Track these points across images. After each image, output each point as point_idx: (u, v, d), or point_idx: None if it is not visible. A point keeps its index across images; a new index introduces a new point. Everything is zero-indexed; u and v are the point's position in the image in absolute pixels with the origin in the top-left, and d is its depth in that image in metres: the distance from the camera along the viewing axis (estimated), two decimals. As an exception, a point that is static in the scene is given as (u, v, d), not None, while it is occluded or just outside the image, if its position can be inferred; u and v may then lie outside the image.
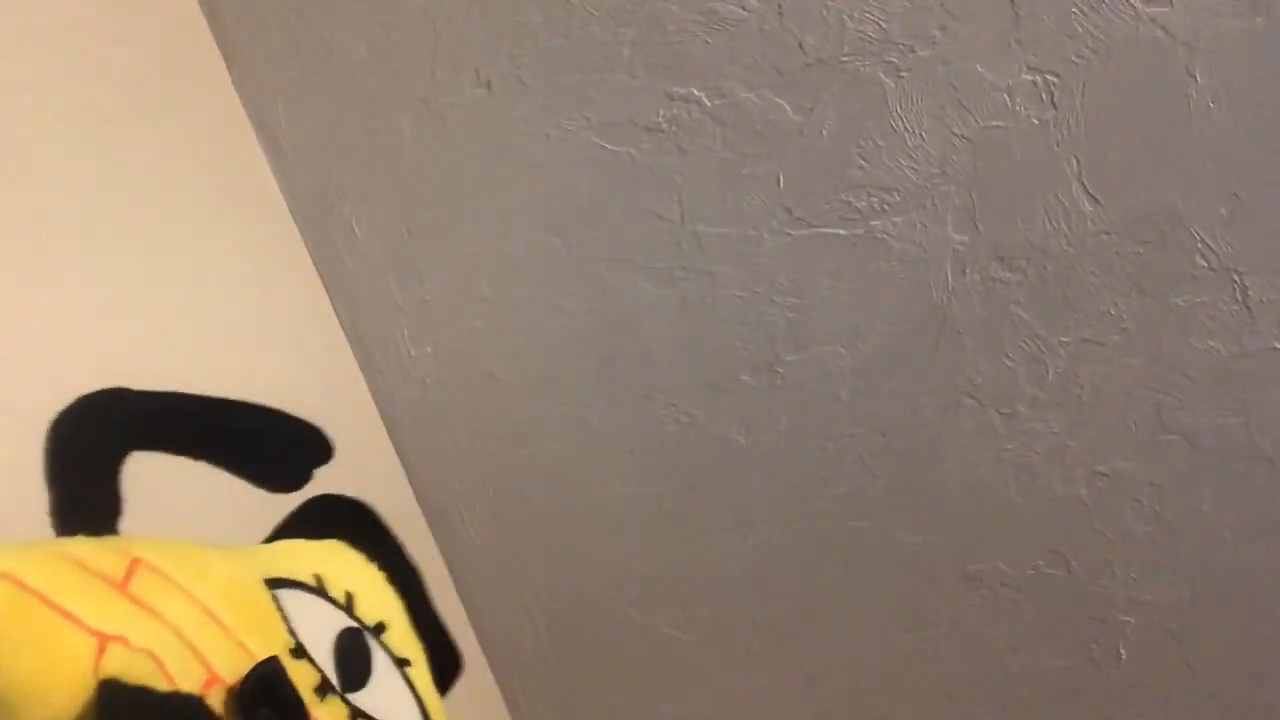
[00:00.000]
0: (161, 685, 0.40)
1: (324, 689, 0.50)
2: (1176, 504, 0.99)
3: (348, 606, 0.57)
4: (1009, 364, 0.96)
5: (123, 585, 0.43)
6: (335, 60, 0.96)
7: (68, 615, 0.39)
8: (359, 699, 0.52)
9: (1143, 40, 0.81)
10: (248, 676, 0.44)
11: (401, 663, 0.58)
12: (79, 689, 0.38)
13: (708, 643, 1.19)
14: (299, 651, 0.50)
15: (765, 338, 0.99)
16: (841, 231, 0.93)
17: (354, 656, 0.54)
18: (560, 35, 0.90)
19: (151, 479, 0.55)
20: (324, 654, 0.52)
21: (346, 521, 0.63)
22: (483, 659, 1.28)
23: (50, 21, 0.77)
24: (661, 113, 0.92)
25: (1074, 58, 0.83)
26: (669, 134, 0.92)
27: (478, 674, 1.27)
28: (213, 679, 0.43)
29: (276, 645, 0.48)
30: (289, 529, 0.62)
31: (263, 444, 0.61)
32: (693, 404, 1.05)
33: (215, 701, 0.42)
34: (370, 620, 0.58)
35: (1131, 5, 0.80)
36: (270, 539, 0.61)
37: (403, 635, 0.61)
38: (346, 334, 1.09)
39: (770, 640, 1.17)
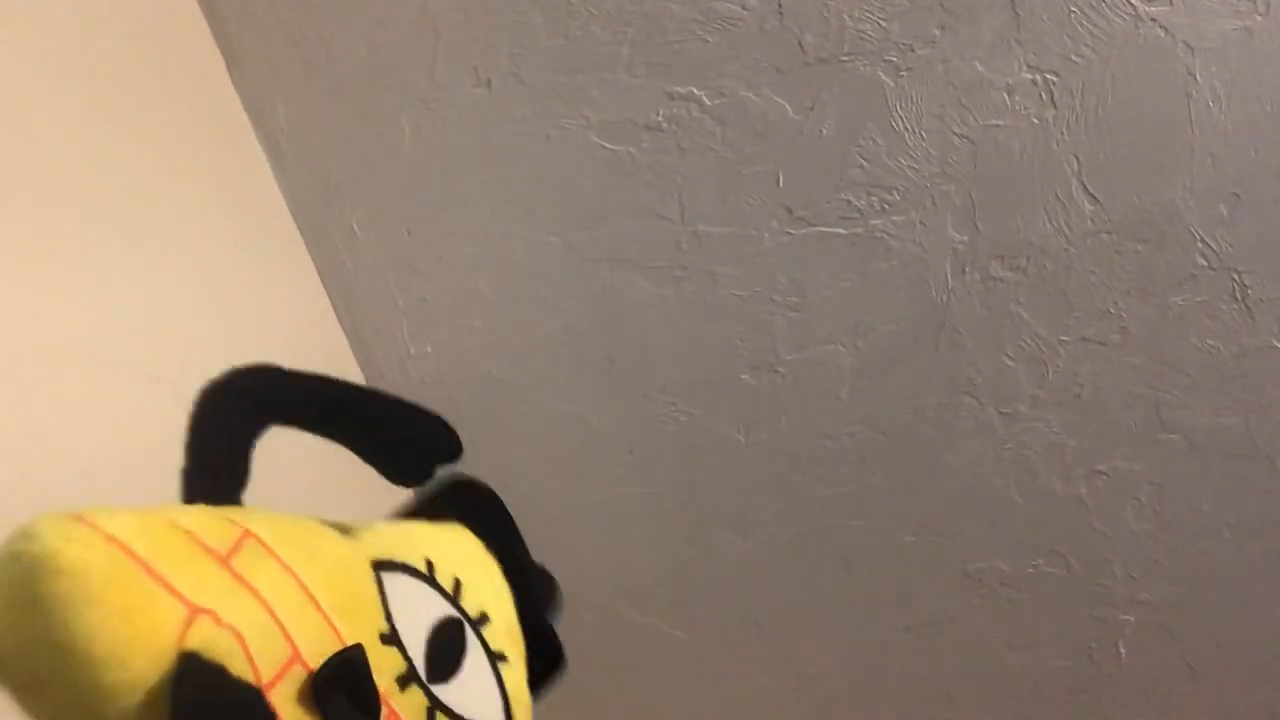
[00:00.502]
0: (240, 663, 0.40)
1: (407, 678, 0.49)
2: (1176, 503, 0.99)
3: (454, 594, 0.55)
4: (1009, 364, 0.96)
5: (227, 558, 0.43)
6: (335, 60, 0.96)
7: (166, 584, 0.39)
8: (443, 691, 0.51)
9: (1143, 40, 0.81)
10: (325, 663, 0.43)
11: (497, 657, 0.57)
12: (161, 658, 0.38)
13: (708, 643, 1.19)
14: (390, 637, 0.49)
15: (765, 337, 0.99)
16: (841, 231, 0.93)
17: (447, 647, 0.52)
18: (560, 35, 0.90)
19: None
20: (418, 641, 0.51)
21: (472, 506, 0.62)
22: (483, 659, 1.28)
23: (51, 22, 0.77)
24: (661, 112, 0.92)
25: (1074, 57, 0.83)
26: (669, 133, 0.92)
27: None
28: (294, 660, 0.42)
29: (368, 629, 0.47)
30: (420, 509, 0.61)
31: (396, 435, 0.60)
32: (693, 403, 1.04)
33: (293, 683, 0.42)
34: (474, 610, 0.56)
35: (1131, 5, 0.80)
36: (402, 516, 0.61)
37: (505, 629, 0.59)
38: (346, 334, 1.09)
39: (770, 640, 1.17)
